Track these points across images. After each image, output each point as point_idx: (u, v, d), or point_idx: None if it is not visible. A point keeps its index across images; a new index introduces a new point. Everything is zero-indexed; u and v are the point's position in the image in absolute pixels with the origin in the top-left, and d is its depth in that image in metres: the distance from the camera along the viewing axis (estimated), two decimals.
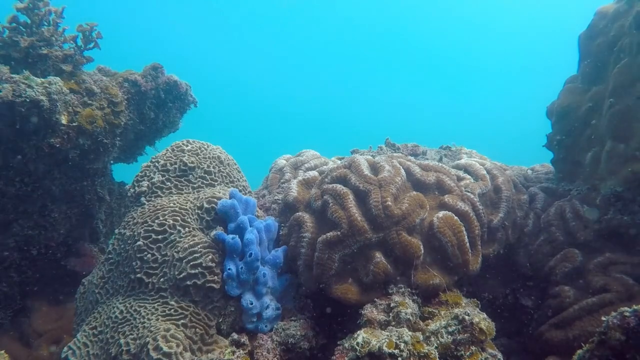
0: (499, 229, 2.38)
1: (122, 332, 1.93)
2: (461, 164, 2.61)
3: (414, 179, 2.22)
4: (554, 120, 2.85)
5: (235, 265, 2.02)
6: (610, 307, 2.02)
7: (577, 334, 2.06)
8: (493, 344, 1.85)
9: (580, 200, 2.46)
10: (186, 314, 1.94)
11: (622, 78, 2.32)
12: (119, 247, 2.24)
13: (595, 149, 2.49)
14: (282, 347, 2.00)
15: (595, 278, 2.18)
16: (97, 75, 3.05)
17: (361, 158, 2.26)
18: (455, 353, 1.72)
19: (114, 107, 2.98)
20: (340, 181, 2.18)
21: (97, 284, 2.23)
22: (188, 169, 2.42)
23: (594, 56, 2.68)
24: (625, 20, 2.44)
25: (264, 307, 2.06)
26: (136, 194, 2.37)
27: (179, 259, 2.02)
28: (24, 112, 2.50)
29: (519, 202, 2.60)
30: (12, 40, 2.78)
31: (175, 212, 2.17)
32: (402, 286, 1.97)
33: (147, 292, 2.04)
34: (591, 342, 1.26)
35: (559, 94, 2.87)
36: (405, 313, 1.83)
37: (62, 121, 2.66)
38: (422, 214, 2.03)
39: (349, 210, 2.00)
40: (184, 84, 3.40)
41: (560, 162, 2.80)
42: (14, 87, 2.46)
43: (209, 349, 1.93)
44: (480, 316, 1.79)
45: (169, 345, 1.79)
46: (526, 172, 3.03)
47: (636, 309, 1.15)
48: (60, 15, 2.94)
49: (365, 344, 1.64)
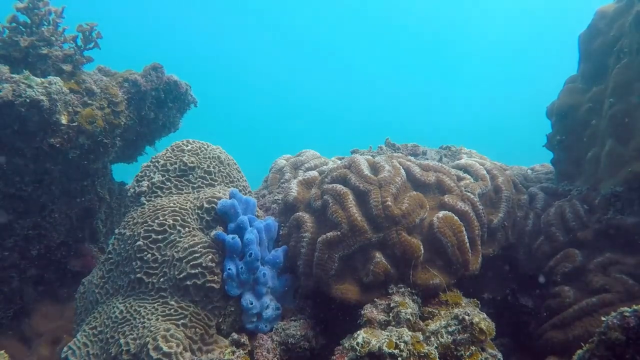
0: (499, 229, 2.38)
1: (122, 332, 1.93)
2: (461, 164, 2.61)
3: (413, 179, 2.22)
4: (554, 120, 2.85)
5: (235, 265, 2.02)
6: (610, 307, 2.02)
7: (577, 334, 2.06)
8: (493, 344, 1.85)
9: (580, 200, 2.45)
10: (186, 314, 1.94)
11: (622, 78, 2.32)
12: (119, 247, 2.24)
13: (595, 149, 2.49)
14: (282, 347, 2.00)
15: (595, 278, 2.18)
16: (97, 75, 3.05)
17: (361, 158, 2.26)
18: (455, 353, 1.72)
19: (114, 107, 2.98)
20: (340, 181, 2.18)
21: (97, 283, 2.23)
22: (188, 169, 2.42)
23: (594, 56, 2.68)
24: (625, 20, 2.44)
25: (264, 307, 2.06)
26: (136, 194, 2.37)
27: (179, 258, 2.02)
28: (24, 112, 2.50)
29: (519, 202, 2.60)
30: (12, 40, 2.77)
31: (175, 212, 2.17)
32: (402, 286, 1.97)
33: (147, 292, 2.04)
34: (591, 342, 1.26)
35: (559, 94, 2.87)
36: (405, 313, 1.83)
37: (62, 121, 2.66)
38: (422, 214, 2.03)
39: (349, 210, 2.00)
40: (183, 83, 3.40)
41: (560, 162, 2.80)
42: (14, 87, 2.46)
43: (209, 348, 1.93)
44: (480, 316, 1.79)
45: (169, 345, 1.79)
46: (526, 172, 3.03)
47: (636, 309, 1.15)
48: (60, 15, 2.94)
49: (365, 344, 1.64)
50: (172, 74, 3.36)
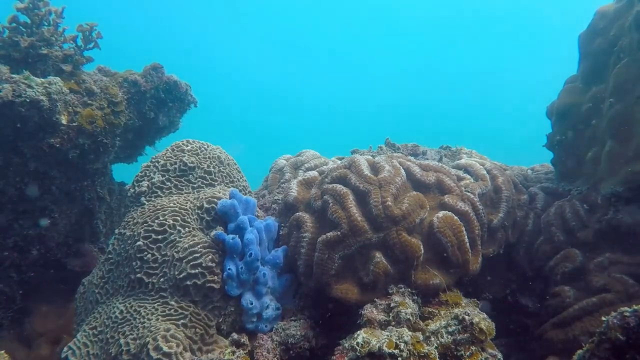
0: (499, 229, 2.38)
1: (122, 332, 1.93)
2: (461, 164, 2.61)
3: (414, 179, 2.22)
4: (554, 120, 2.85)
5: (235, 265, 2.02)
6: (610, 307, 2.02)
7: (577, 334, 2.06)
8: (493, 344, 1.85)
9: (581, 200, 2.46)
10: (186, 314, 1.94)
11: (622, 78, 2.32)
12: (119, 247, 2.24)
13: (595, 149, 2.49)
14: (282, 347, 2.00)
15: (595, 278, 2.18)
16: (97, 75, 3.05)
17: (361, 158, 2.26)
18: (455, 353, 1.72)
19: (114, 107, 2.98)
20: (340, 181, 2.18)
21: (97, 284, 2.23)
22: (188, 169, 2.42)
23: (594, 56, 2.68)
24: (625, 20, 2.44)
25: (264, 307, 2.06)
26: (136, 194, 2.37)
27: (179, 259, 2.02)
28: (24, 112, 2.50)
29: (519, 202, 2.60)
30: (12, 40, 2.78)
31: (175, 212, 2.17)
32: (402, 286, 1.97)
33: (147, 292, 2.04)
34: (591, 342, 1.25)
35: (559, 94, 2.87)
36: (405, 313, 1.83)
37: (62, 121, 2.66)
38: (422, 214, 2.03)
39: (349, 210, 2.00)
40: (183, 84, 3.40)
41: (560, 162, 2.80)
42: (14, 87, 2.46)
43: (209, 349, 1.93)
44: (480, 316, 1.79)
45: (169, 345, 1.79)
46: (526, 172, 3.03)
47: (636, 309, 1.15)
48: (60, 15, 2.94)
49: (365, 344, 1.64)
50: (172, 74, 3.36)
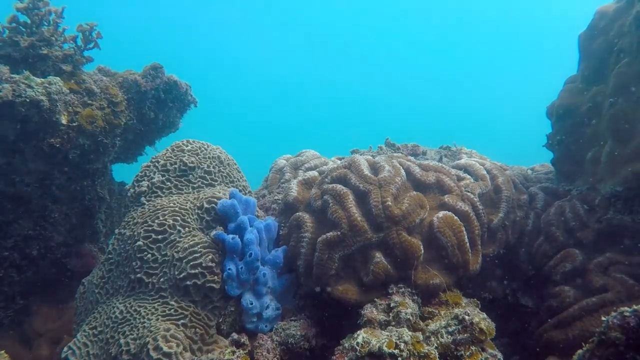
0: (499, 229, 2.38)
1: (122, 332, 1.93)
2: (461, 164, 2.61)
3: (414, 179, 2.22)
4: (554, 120, 2.85)
5: (235, 265, 2.02)
6: (610, 307, 2.02)
7: (577, 334, 2.06)
8: (493, 344, 1.85)
9: (581, 200, 2.45)
10: (186, 314, 1.94)
11: (622, 78, 2.31)
12: (119, 247, 2.24)
13: (595, 149, 2.49)
14: (282, 347, 2.00)
15: (595, 278, 2.18)
16: (97, 75, 3.05)
17: (361, 158, 2.26)
18: (455, 353, 1.72)
19: (114, 107, 2.98)
20: (340, 181, 2.18)
21: (97, 284, 2.23)
22: (188, 169, 2.42)
23: (594, 56, 2.68)
24: (625, 20, 2.44)
25: (264, 307, 2.06)
26: (136, 194, 2.37)
27: (179, 259, 2.02)
28: (24, 112, 2.50)
29: (519, 202, 2.60)
30: (12, 40, 2.78)
31: (175, 212, 2.17)
32: (402, 286, 1.97)
33: (147, 292, 2.04)
34: (591, 342, 1.26)
35: (559, 94, 2.87)
36: (405, 313, 1.83)
37: (62, 121, 2.66)
38: (422, 214, 2.03)
39: (349, 210, 2.00)
40: (183, 83, 3.40)
41: (560, 162, 2.80)
42: (14, 87, 2.46)
43: (209, 348, 1.93)
44: (480, 316, 1.79)
45: (169, 345, 1.79)
46: (526, 172, 3.03)
47: (636, 309, 1.15)
48: (60, 15, 2.94)
49: (365, 344, 1.64)
50: (172, 74, 3.36)
